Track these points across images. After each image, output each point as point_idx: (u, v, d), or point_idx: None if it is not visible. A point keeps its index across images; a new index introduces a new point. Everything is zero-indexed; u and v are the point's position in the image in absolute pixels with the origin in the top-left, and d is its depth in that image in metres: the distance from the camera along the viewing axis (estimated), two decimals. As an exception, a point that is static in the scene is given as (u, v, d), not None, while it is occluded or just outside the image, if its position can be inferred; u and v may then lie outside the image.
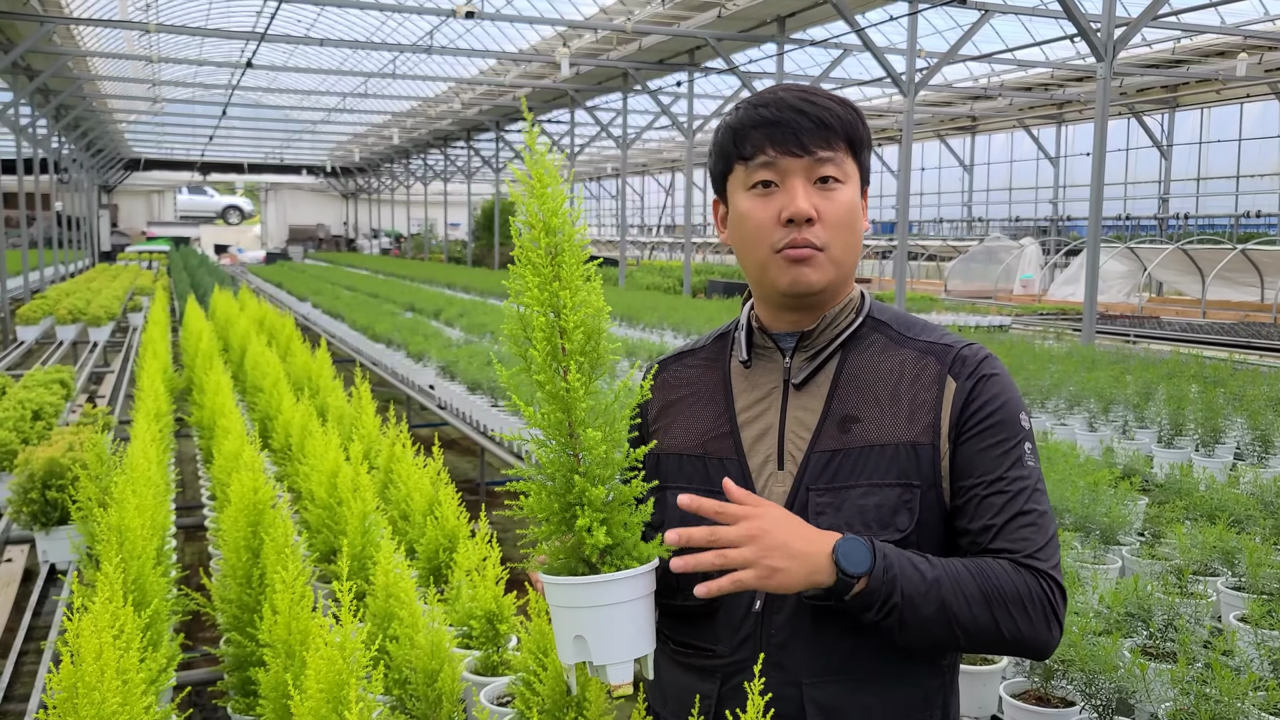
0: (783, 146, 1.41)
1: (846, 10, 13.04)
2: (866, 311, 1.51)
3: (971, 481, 1.41)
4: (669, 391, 1.59)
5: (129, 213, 53.75)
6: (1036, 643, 1.37)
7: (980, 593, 1.34)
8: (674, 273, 26.67)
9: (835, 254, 1.43)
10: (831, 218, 1.42)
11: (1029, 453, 1.43)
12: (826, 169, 1.42)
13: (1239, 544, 3.36)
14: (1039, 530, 1.39)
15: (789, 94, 1.44)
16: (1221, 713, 2.32)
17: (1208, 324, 16.15)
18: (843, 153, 1.43)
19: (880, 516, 1.39)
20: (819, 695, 1.38)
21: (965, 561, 1.37)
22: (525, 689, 2.05)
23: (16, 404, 5.84)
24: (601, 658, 1.33)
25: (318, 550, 3.35)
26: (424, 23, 23.32)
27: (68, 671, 1.36)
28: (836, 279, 1.45)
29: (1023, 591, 1.35)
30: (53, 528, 4.30)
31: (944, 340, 1.48)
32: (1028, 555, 1.37)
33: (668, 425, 1.56)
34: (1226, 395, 6.35)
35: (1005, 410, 1.43)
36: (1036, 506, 1.41)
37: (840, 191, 1.43)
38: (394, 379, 9.54)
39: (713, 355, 1.58)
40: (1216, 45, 18.62)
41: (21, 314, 14.02)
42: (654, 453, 1.55)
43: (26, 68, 18.99)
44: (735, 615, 1.43)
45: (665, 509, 1.50)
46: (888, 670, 1.40)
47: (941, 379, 1.44)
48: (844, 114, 1.43)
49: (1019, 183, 29.46)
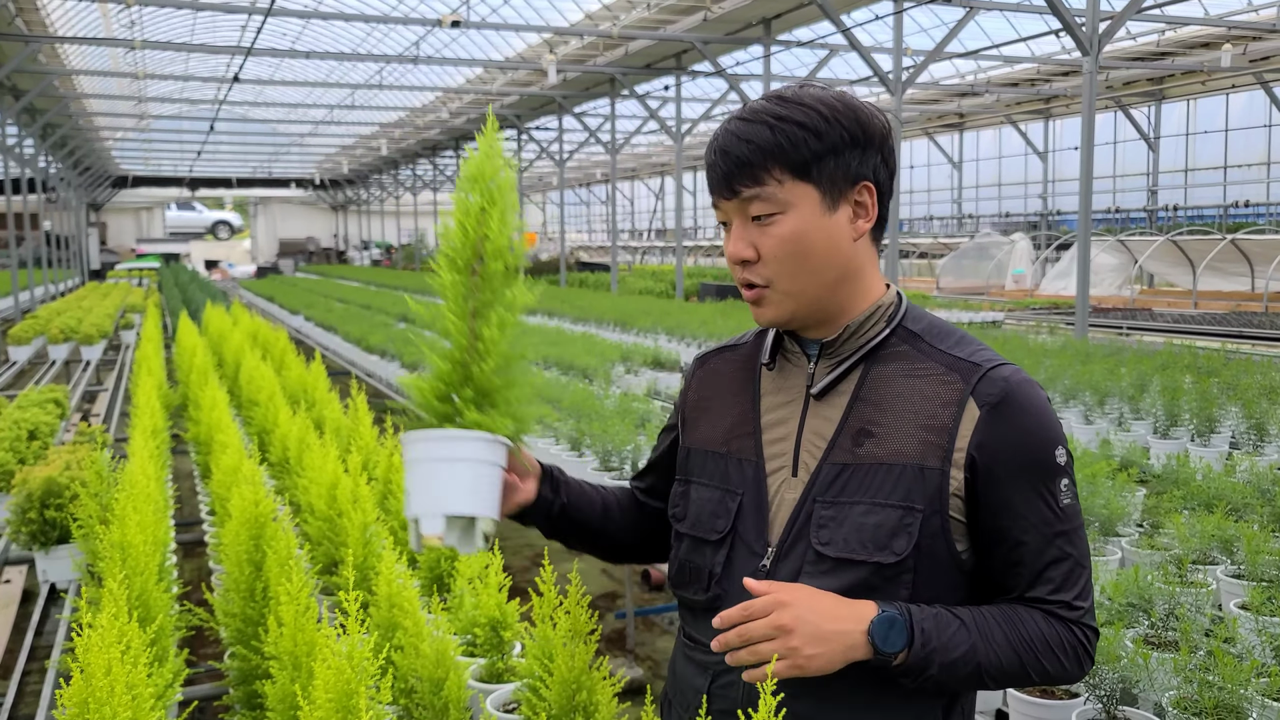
0: (716, 190, 1.43)
1: (832, 11, 13.08)
2: (899, 320, 1.45)
3: (1002, 524, 1.36)
4: (705, 385, 1.60)
5: (118, 230, 53.64)
6: (1065, 682, 1.40)
7: (1013, 650, 1.34)
8: (666, 277, 26.71)
9: (785, 286, 1.40)
10: (769, 252, 1.40)
11: (1064, 490, 1.37)
12: (753, 208, 1.39)
13: (1237, 532, 3.38)
14: (1072, 578, 1.36)
15: (730, 126, 1.41)
16: (1225, 699, 2.33)
17: (1199, 314, 16.21)
18: (775, 183, 1.37)
19: (878, 538, 1.34)
20: (800, 707, 1.36)
21: (998, 616, 1.36)
22: (531, 695, 2.06)
23: (12, 424, 5.82)
24: (413, 509, 1.42)
25: (319, 563, 3.35)
26: (410, 33, 23.35)
27: (79, 687, 1.36)
28: (799, 308, 1.42)
29: (1053, 642, 1.36)
30: (52, 547, 4.28)
31: (974, 357, 1.39)
32: (1063, 606, 1.36)
33: (697, 419, 1.58)
34: (1220, 385, 6.38)
35: (1038, 448, 1.36)
36: (1071, 551, 1.36)
37: (777, 224, 1.38)
38: (389, 390, 9.54)
39: (749, 353, 1.57)
40: (1201, 36, 18.71)
41: (13, 334, 13.98)
42: (685, 446, 1.57)
43: (13, 88, 18.96)
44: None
45: (686, 502, 1.54)
46: (871, 693, 1.36)
47: (962, 401, 1.36)
48: (773, 140, 1.36)
49: (1008, 178, 29.54)
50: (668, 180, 43.65)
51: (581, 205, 54.77)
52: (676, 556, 1.54)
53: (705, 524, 1.49)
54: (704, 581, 1.48)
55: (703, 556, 1.48)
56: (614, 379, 8.07)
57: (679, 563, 1.53)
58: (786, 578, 1.39)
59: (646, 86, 21.53)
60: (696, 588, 1.49)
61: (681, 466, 1.57)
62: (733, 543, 1.45)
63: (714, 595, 1.46)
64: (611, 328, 13.08)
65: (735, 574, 1.44)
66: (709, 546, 1.48)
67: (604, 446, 5.25)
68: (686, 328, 11.41)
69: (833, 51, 17.25)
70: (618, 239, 28.42)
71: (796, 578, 1.38)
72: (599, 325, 13.41)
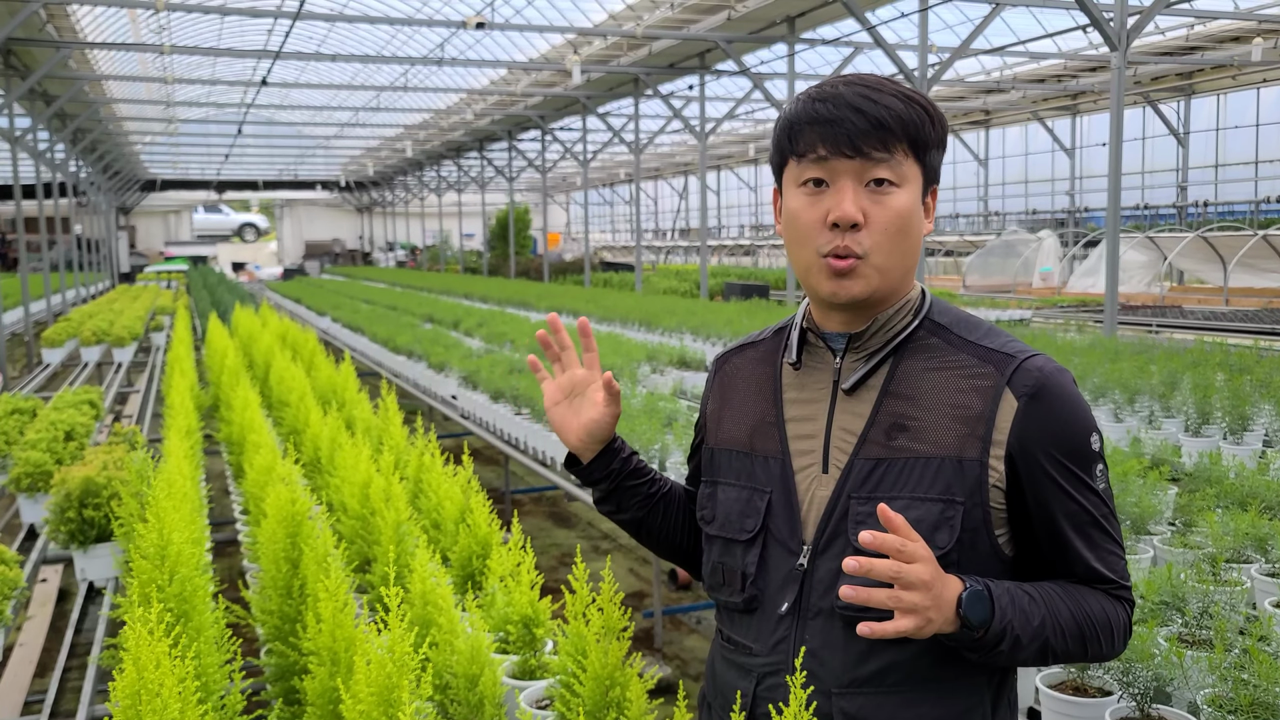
0: (834, 146, 1.34)
1: (857, 8, 13.03)
2: (925, 313, 1.45)
3: (1047, 513, 1.38)
4: (726, 384, 1.59)
5: (146, 233, 54.18)
6: (1106, 659, 1.43)
7: (1077, 628, 1.36)
8: (690, 276, 26.70)
9: (879, 261, 1.37)
10: (879, 223, 1.36)
11: (1100, 475, 1.40)
12: (879, 171, 1.35)
13: (1272, 530, 3.35)
14: (1116, 557, 1.41)
15: (849, 89, 1.36)
16: (1260, 697, 2.32)
17: (1231, 311, 16.03)
18: (901, 154, 1.36)
19: (920, 532, 1.32)
20: (848, 705, 1.36)
21: (1061, 592, 1.38)
22: (565, 690, 2.08)
23: (49, 425, 5.91)
24: None
25: (352, 561, 3.39)
26: (435, 35, 23.45)
27: (131, 678, 1.39)
28: (882, 286, 1.39)
29: (1113, 620, 1.40)
30: (91, 545, 4.35)
31: (1006, 348, 1.40)
32: (1114, 585, 1.40)
33: (720, 420, 1.56)
34: (1253, 382, 6.31)
35: (1076, 436, 1.38)
36: (1113, 534, 1.41)
37: (893, 196, 1.36)
38: (416, 390, 9.60)
39: (769, 350, 1.56)
40: (1231, 30, 18.49)
41: (46, 337, 14.18)
42: (710, 446, 1.56)
43: (44, 93, 19.20)
44: (772, 617, 1.43)
45: (714, 503, 1.52)
46: (923, 685, 1.37)
47: (998, 392, 1.37)
48: (907, 113, 1.35)
49: (1035, 175, 29.32)
50: (691, 179, 43.60)
51: (605, 205, 54.79)
52: (709, 560, 1.53)
53: (734, 524, 1.47)
54: (738, 583, 1.46)
55: (734, 558, 1.47)
56: (640, 378, 8.08)
57: (712, 565, 1.52)
58: (825, 577, 1.39)
59: (670, 86, 21.53)
60: (731, 589, 1.48)
61: (707, 468, 1.56)
62: (765, 542, 1.44)
63: (750, 596, 1.45)
64: (636, 327, 13.09)
65: (770, 574, 1.43)
66: (740, 547, 1.47)
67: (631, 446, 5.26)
68: (711, 327, 11.40)
69: (857, 49, 17.18)
70: (642, 239, 28.43)
71: (836, 578, 1.37)
72: (624, 325, 13.43)
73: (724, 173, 42.80)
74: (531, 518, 7.61)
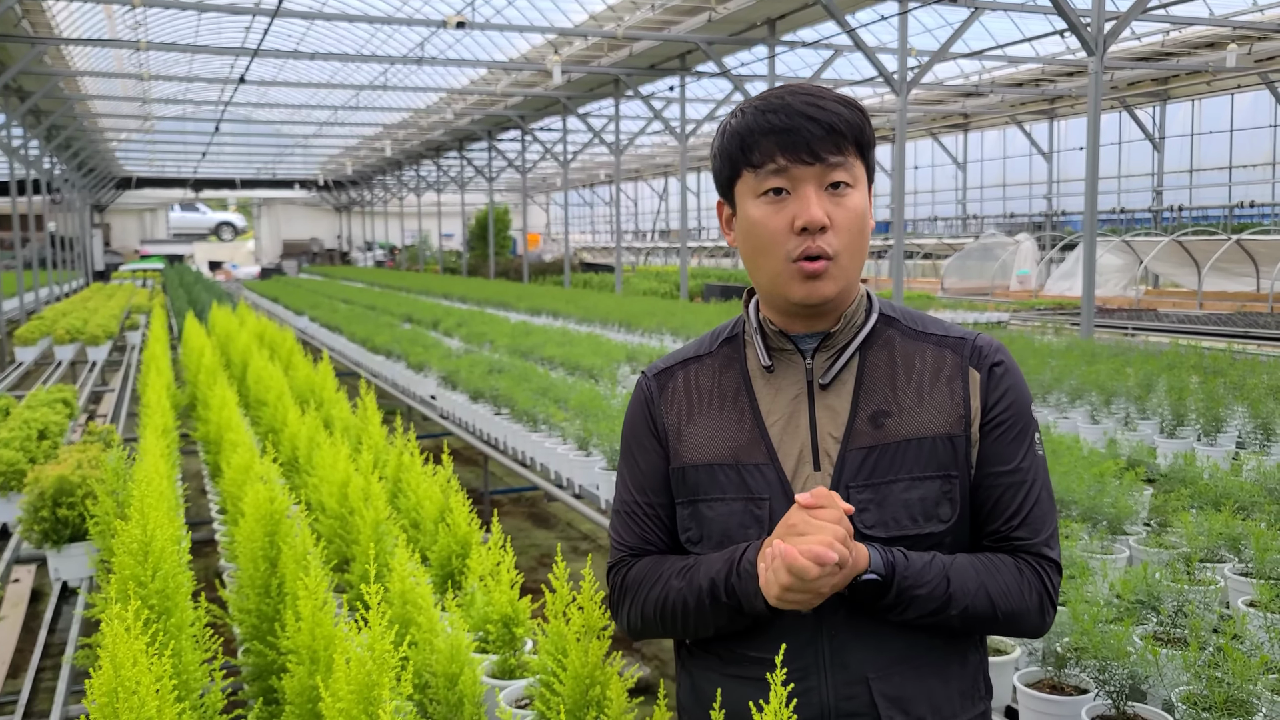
0: (794, 154, 1.39)
1: (837, 11, 13.08)
2: (877, 308, 1.53)
3: (993, 470, 1.46)
4: (684, 401, 1.54)
5: (121, 231, 53.71)
6: (1031, 633, 1.48)
7: (985, 590, 1.42)
8: (670, 277, 26.73)
9: (846, 260, 1.43)
10: (843, 224, 1.42)
11: (1037, 441, 1.51)
12: (837, 174, 1.41)
13: (1245, 530, 3.39)
14: (1049, 517, 1.48)
15: (796, 98, 1.41)
16: (1234, 695, 2.35)
17: (1205, 315, 16.20)
18: (852, 156, 1.42)
19: (925, 509, 1.42)
20: (886, 687, 1.40)
21: (972, 560, 1.44)
22: (545, 689, 2.07)
23: (22, 424, 5.85)
24: None
25: (330, 560, 3.37)
26: (415, 34, 23.39)
27: (108, 676, 1.38)
28: (846, 285, 1.45)
29: (1024, 587, 1.45)
30: (65, 545, 4.31)
31: (955, 333, 1.52)
32: (1041, 543, 1.47)
33: (684, 436, 1.52)
34: (1226, 385, 6.38)
35: (1020, 401, 1.49)
36: (1045, 493, 1.49)
37: (850, 197, 1.42)
38: (394, 390, 9.56)
39: (726, 360, 1.55)
40: (1206, 37, 18.69)
41: (19, 335, 14.02)
42: (680, 465, 1.51)
43: (18, 89, 19.01)
44: (792, 622, 1.42)
45: (700, 522, 1.49)
46: (942, 653, 1.45)
47: (965, 371, 1.47)
48: (852, 117, 1.42)
49: (1013, 179, 29.53)
50: (672, 181, 43.65)
51: (585, 206, 54.78)
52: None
53: (736, 536, 1.45)
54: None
55: None
56: (620, 379, 8.08)
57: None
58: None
59: (651, 87, 21.55)
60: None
61: (679, 488, 1.52)
62: None
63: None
64: (616, 328, 13.09)
65: None
66: None
67: (611, 446, 5.27)
68: (691, 328, 11.41)
69: (837, 52, 17.26)
70: (622, 240, 28.43)
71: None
72: (604, 326, 13.43)
73: (704, 174, 42.84)
74: (511, 518, 7.59)
